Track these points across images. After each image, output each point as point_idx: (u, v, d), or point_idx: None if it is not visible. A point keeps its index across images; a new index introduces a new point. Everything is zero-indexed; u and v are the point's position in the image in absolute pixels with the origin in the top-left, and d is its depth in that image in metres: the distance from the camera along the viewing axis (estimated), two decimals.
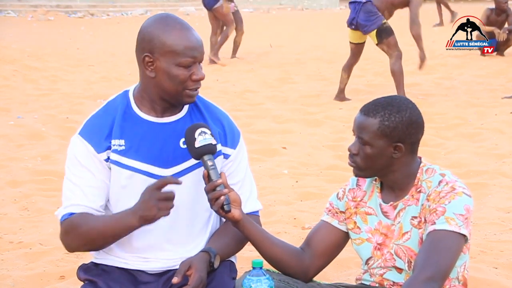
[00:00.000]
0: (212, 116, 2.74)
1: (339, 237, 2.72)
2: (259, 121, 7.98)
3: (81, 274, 2.74)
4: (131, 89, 2.72)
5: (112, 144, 2.64)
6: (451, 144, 6.86)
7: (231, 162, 2.74)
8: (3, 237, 4.40)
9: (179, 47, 2.56)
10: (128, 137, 2.64)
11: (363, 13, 8.37)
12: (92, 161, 2.63)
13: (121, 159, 2.63)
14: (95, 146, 2.63)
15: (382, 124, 2.52)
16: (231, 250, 2.73)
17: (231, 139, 2.75)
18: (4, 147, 6.74)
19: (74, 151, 2.66)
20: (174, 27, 2.58)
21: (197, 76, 2.59)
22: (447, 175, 2.55)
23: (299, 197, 5.28)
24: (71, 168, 2.66)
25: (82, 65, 12.50)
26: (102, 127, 2.65)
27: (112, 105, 2.70)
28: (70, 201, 2.63)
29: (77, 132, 2.68)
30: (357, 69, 12.01)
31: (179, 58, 2.56)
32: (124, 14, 25.71)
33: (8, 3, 25.23)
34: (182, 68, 2.57)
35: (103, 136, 2.64)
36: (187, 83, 2.59)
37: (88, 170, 2.63)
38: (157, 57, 2.58)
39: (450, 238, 2.43)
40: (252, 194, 2.79)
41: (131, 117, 2.66)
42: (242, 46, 13.54)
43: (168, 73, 2.57)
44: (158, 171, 2.64)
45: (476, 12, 10.84)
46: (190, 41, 2.58)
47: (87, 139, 2.64)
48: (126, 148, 2.63)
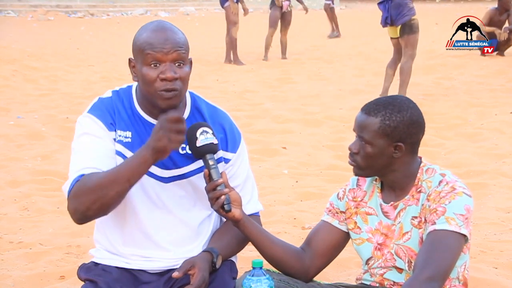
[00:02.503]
0: (214, 121, 2.71)
1: (340, 237, 2.72)
2: (259, 121, 7.98)
3: (82, 274, 2.73)
4: (134, 86, 2.70)
5: (117, 134, 2.61)
6: (451, 144, 6.86)
7: (231, 166, 2.73)
8: (3, 237, 4.40)
9: (145, 45, 2.53)
10: (133, 131, 2.62)
11: (394, 9, 8.52)
12: (104, 133, 2.58)
13: (126, 152, 2.60)
14: (106, 124, 2.59)
15: (383, 123, 2.52)
16: (232, 250, 2.73)
17: (232, 144, 2.73)
18: (4, 147, 6.74)
19: (84, 127, 2.59)
20: (148, 28, 2.57)
21: (163, 75, 2.51)
22: (447, 175, 2.55)
23: (299, 197, 5.28)
24: (80, 141, 2.57)
25: (82, 65, 12.50)
26: (110, 112, 2.62)
27: (117, 97, 2.67)
28: (78, 166, 2.50)
29: (85, 111, 2.64)
30: (357, 69, 12.05)
31: (144, 55, 2.53)
32: (124, 14, 25.71)
33: (8, 3, 25.23)
34: (149, 68, 2.52)
35: (111, 120, 2.61)
36: (156, 83, 2.52)
37: (99, 137, 2.56)
38: (135, 60, 2.59)
39: (451, 238, 2.43)
40: (253, 197, 2.79)
41: (134, 115, 2.64)
42: (243, 46, 13.54)
43: (140, 73, 2.56)
44: (158, 171, 2.63)
45: (476, 12, 10.84)
46: (157, 38, 2.53)
47: (98, 117, 2.60)
48: (132, 141, 2.61)
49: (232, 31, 12.60)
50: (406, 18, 8.51)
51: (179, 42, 2.54)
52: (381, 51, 13.52)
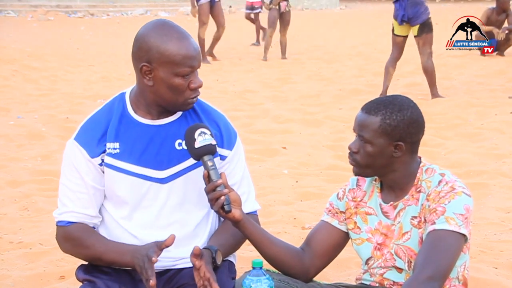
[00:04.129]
0: (208, 118, 2.74)
1: (339, 237, 2.72)
2: (259, 121, 7.98)
3: (80, 274, 2.74)
4: (128, 92, 2.73)
5: (107, 147, 2.65)
6: (451, 144, 6.86)
7: (228, 163, 2.74)
8: (3, 237, 4.40)
9: (178, 57, 2.55)
10: (123, 140, 2.65)
11: (411, 7, 8.61)
12: (87, 167, 2.66)
13: (116, 162, 2.64)
14: (89, 151, 2.65)
15: (383, 122, 2.52)
16: (230, 248, 2.73)
17: (227, 140, 2.74)
18: (4, 147, 6.74)
19: (69, 156, 2.70)
20: (172, 36, 2.57)
21: (195, 85, 2.59)
22: (446, 174, 2.55)
23: (299, 197, 5.28)
24: (67, 174, 2.70)
25: (82, 65, 12.50)
26: (97, 131, 2.66)
27: (108, 108, 2.70)
28: (66, 207, 2.68)
29: (72, 137, 2.70)
30: (357, 69, 12.05)
31: (177, 68, 2.56)
32: (124, 14, 25.72)
33: (8, 3, 25.24)
34: (180, 78, 2.57)
35: (98, 140, 2.65)
36: (186, 92, 2.59)
37: (82, 178, 2.66)
38: (155, 66, 2.57)
39: (450, 237, 2.43)
40: (250, 195, 2.80)
41: (126, 120, 2.67)
42: (243, 46, 13.54)
43: (166, 82, 2.57)
44: (153, 173, 2.65)
45: (476, 12, 10.84)
46: (188, 50, 2.57)
47: (82, 144, 2.66)
48: (121, 151, 2.64)
49: (199, 30, 12.61)
50: (424, 17, 8.67)
51: (199, 51, 2.63)
52: (381, 51, 13.52)
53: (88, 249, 2.65)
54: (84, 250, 2.67)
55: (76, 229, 2.66)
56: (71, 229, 2.67)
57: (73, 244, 2.68)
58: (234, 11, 27.17)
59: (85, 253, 2.68)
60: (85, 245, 2.65)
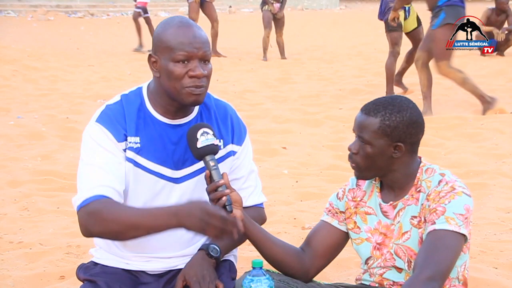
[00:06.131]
0: (220, 112, 2.73)
1: (339, 237, 2.73)
2: (259, 121, 7.98)
3: (81, 274, 2.73)
4: (145, 87, 2.69)
5: (128, 140, 2.59)
6: (451, 144, 6.86)
7: (237, 158, 2.75)
8: (3, 237, 4.40)
9: (173, 42, 2.53)
10: (143, 135, 2.61)
11: (384, 3, 9.16)
12: (114, 146, 2.56)
13: (136, 157, 2.59)
14: (115, 135, 2.57)
15: (382, 123, 2.52)
16: (230, 246, 2.72)
17: (238, 137, 2.75)
18: (4, 147, 6.74)
19: (93, 136, 2.57)
20: (172, 25, 2.57)
21: (193, 73, 2.52)
22: (446, 174, 2.55)
23: (299, 197, 5.28)
24: (90, 152, 2.55)
25: (82, 65, 12.51)
26: (119, 120, 2.59)
27: (126, 101, 2.64)
28: (93, 183, 2.49)
29: (93, 120, 2.61)
30: (357, 69, 12.06)
31: (173, 53, 2.53)
32: (124, 14, 25.72)
33: (8, 3, 25.25)
34: (178, 64, 2.53)
35: (121, 128, 2.59)
36: (184, 80, 2.53)
37: (110, 152, 2.55)
38: (158, 56, 2.57)
39: (450, 237, 2.43)
40: (257, 188, 2.81)
41: (145, 116, 2.63)
42: (242, 46, 13.55)
43: (166, 70, 2.54)
44: (169, 173, 2.63)
45: (476, 12, 10.82)
46: (186, 36, 2.53)
47: (107, 127, 2.57)
48: (142, 146, 2.60)
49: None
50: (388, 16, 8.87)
51: (206, 40, 2.57)
52: (381, 51, 13.53)
53: (120, 220, 2.41)
54: (115, 225, 2.41)
55: (103, 203, 2.45)
56: (97, 204, 2.45)
57: (102, 219, 2.42)
58: (234, 11, 27.19)
59: (117, 228, 2.41)
60: (116, 217, 2.42)
